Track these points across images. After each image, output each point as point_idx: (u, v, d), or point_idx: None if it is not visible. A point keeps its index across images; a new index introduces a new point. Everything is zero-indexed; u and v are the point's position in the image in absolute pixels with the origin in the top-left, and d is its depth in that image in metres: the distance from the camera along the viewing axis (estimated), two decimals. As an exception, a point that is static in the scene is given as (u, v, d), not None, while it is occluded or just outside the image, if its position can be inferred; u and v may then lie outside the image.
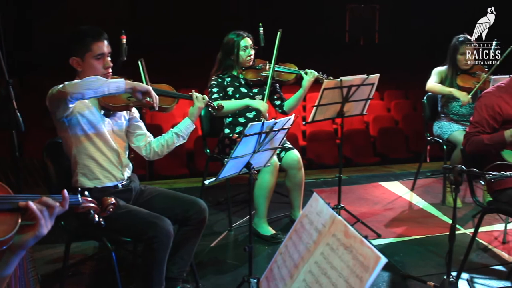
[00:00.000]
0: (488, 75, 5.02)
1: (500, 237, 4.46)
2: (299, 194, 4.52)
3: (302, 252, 1.79)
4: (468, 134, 3.59)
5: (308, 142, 7.84)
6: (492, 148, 3.47)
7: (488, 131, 3.51)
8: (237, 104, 4.41)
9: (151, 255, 2.97)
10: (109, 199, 2.17)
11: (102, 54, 3.08)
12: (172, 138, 3.36)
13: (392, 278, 3.79)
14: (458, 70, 5.22)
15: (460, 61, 5.17)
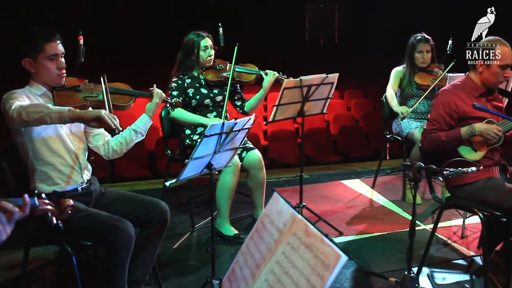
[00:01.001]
0: (445, 73, 5.11)
1: (458, 232, 4.55)
2: (261, 193, 4.53)
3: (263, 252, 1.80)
4: (425, 131, 3.65)
5: (269, 141, 7.85)
6: (449, 145, 3.54)
7: (445, 128, 3.58)
8: (190, 118, 4.40)
9: (113, 259, 2.94)
10: (67, 201, 2.12)
11: (55, 55, 3.01)
12: (130, 135, 3.33)
13: (354, 275, 3.83)
14: (416, 68, 5.31)
15: (417, 59, 5.26)
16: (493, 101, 3.74)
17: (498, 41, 3.58)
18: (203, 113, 4.49)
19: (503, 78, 3.60)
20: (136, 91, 3.40)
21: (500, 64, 3.52)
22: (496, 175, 3.61)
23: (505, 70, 3.56)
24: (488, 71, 3.58)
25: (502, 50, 3.53)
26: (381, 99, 5.61)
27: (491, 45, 3.56)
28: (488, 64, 3.55)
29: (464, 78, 3.75)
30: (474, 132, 3.47)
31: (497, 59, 3.52)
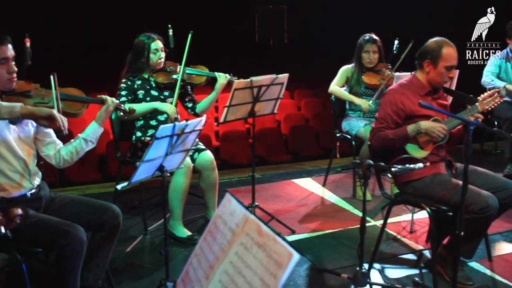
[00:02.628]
0: (392, 73, 5.22)
1: (407, 227, 4.65)
2: (214, 194, 4.53)
3: (217, 253, 1.81)
4: (374, 130, 3.73)
5: (221, 142, 7.86)
6: (396, 143, 3.62)
7: (392, 127, 3.66)
8: (144, 107, 4.38)
9: (65, 264, 2.90)
10: (15, 210, 2.09)
11: (6, 59, 2.95)
12: (81, 144, 3.28)
13: (307, 272, 3.88)
14: (364, 68, 5.40)
15: (364, 59, 5.36)
16: (439, 99, 3.85)
17: (444, 42, 3.68)
18: (154, 115, 4.47)
19: (448, 78, 3.71)
20: (89, 97, 3.36)
21: (446, 65, 3.63)
22: (442, 171, 3.72)
23: (450, 71, 3.66)
24: (434, 71, 3.68)
25: (448, 51, 3.63)
26: (331, 98, 5.68)
27: (436, 48, 3.66)
28: (435, 65, 3.65)
29: (410, 77, 3.85)
30: (420, 130, 3.56)
31: (444, 60, 3.62)
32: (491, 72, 6.10)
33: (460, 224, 3.18)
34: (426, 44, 3.75)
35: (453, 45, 3.67)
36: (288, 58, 13.49)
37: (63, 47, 12.14)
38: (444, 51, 3.62)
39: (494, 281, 3.76)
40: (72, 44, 12.49)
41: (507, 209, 3.64)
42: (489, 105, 3.66)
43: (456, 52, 3.67)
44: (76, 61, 11.28)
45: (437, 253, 3.71)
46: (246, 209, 1.78)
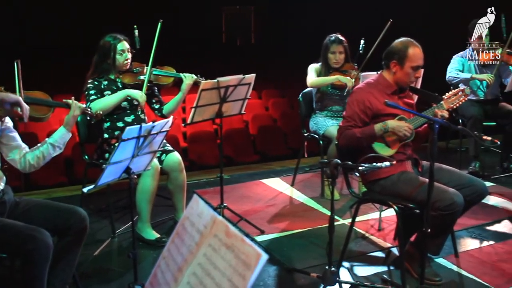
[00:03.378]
0: (358, 73, 5.26)
1: (375, 225, 4.69)
2: (182, 196, 4.51)
3: (185, 255, 1.79)
4: (341, 128, 3.75)
5: (189, 143, 7.83)
6: (363, 141, 3.65)
7: (360, 125, 3.68)
8: (117, 96, 4.33)
9: (30, 270, 2.85)
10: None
11: None
12: (48, 149, 3.24)
13: (277, 272, 3.88)
14: (330, 68, 5.43)
15: (331, 60, 5.38)
16: (405, 98, 3.89)
17: (410, 42, 3.72)
18: (121, 116, 4.42)
19: (414, 78, 3.75)
20: (54, 101, 3.32)
21: (412, 65, 3.67)
22: (408, 169, 3.76)
23: (416, 71, 3.71)
24: (401, 71, 3.71)
25: (414, 52, 3.67)
26: (298, 98, 5.70)
27: (403, 48, 3.69)
28: (402, 65, 3.69)
29: (377, 76, 3.88)
30: (387, 128, 3.59)
31: (410, 60, 3.66)
32: (455, 69, 6.19)
33: (427, 221, 3.22)
34: (392, 44, 3.79)
35: (419, 46, 3.71)
36: (256, 58, 13.52)
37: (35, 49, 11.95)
38: (410, 52, 3.66)
39: (460, 276, 3.82)
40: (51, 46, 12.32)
41: (472, 206, 3.70)
42: (454, 104, 3.71)
43: (422, 52, 3.71)
44: (47, 65, 11.12)
45: (405, 250, 3.75)
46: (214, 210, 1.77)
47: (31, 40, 12.34)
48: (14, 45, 10.94)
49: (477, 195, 3.63)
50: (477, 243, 4.40)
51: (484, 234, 4.57)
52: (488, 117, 6.18)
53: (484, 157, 6.73)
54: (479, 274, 3.82)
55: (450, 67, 6.25)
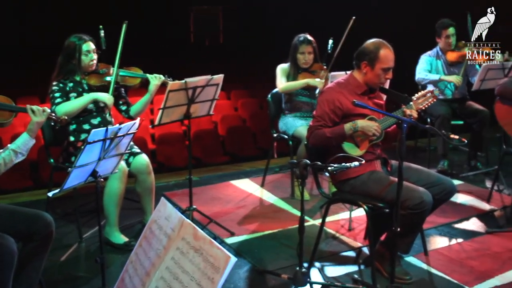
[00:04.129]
0: (327, 73, 5.27)
1: (346, 225, 4.70)
2: (150, 198, 4.45)
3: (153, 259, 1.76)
4: (311, 128, 3.74)
5: (157, 145, 7.75)
6: (333, 141, 3.64)
7: (329, 125, 3.68)
8: (83, 100, 4.25)
9: (-7, 277, 2.78)
10: None
11: None
12: (10, 156, 3.15)
13: (248, 274, 3.86)
14: (299, 68, 5.42)
15: (300, 60, 5.38)
16: (375, 98, 3.90)
17: (382, 44, 3.72)
18: (87, 119, 4.35)
19: (385, 79, 3.76)
20: (17, 106, 3.24)
21: (383, 66, 3.67)
22: (378, 169, 3.77)
23: (387, 72, 3.71)
24: (371, 72, 3.72)
25: (385, 53, 3.67)
26: (267, 98, 5.68)
27: (374, 49, 3.70)
28: (372, 66, 3.70)
29: (347, 76, 3.88)
30: (357, 128, 3.59)
31: (381, 62, 3.67)
32: (423, 69, 6.26)
33: (396, 220, 3.22)
34: (364, 45, 3.79)
35: (390, 47, 3.72)
36: (224, 59, 13.49)
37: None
38: (382, 53, 3.67)
39: (430, 274, 3.84)
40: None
41: (441, 204, 3.74)
42: (423, 105, 3.73)
43: (393, 54, 3.71)
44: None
45: (375, 249, 3.76)
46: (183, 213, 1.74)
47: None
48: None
49: (445, 193, 3.66)
50: (446, 241, 4.43)
51: (453, 232, 4.61)
52: (456, 116, 6.25)
53: (452, 155, 6.81)
54: (449, 271, 3.85)
55: (418, 67, 6.32)
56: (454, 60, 6.25)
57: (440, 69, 6.29)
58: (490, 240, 4.43)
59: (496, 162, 5.60)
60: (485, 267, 3.92)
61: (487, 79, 5.72)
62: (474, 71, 6.18)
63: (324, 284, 3.68)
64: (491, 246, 4.30)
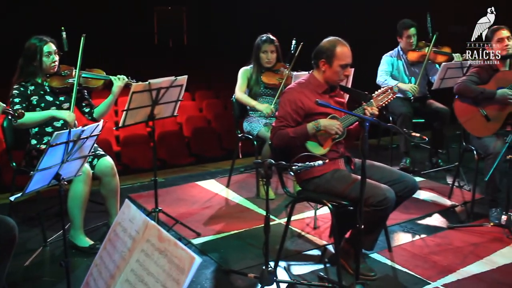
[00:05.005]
0: (290, 72, 5.30)
1: (311, 223, 4.74)
2: (115, 201, 4.42)
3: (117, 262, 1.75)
4: (274, 129, 3.76)
5: (122, 147, 7.69)
6: (297, 140, 3.67)
7: (292, 125, 3.71)
8: (40, 115, 4.21)
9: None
10: None
11: None
12: None
13: (214, 274, 3.86)
14: (262, 68, 5.45)
15: (263, 59, 5.41)
16: (336, 97, 3.94)
17: (338, 41, 3.77)
18: (49, 122, 4.30)
19: (344, 76, 3.80)
20: None
21: (340, 63, 3.72)
22: (341, 167, 3.81)
23: (345, 69, 3.76)
24: (330, 70, 3.76)
25: (342, 50, 3.72)
26: (231, 99, 5.69)
27: (330, 47, 3.74)
28: (330, 64, 3.74)
29: (308, 76, 3.92)
30: (319, 127, 3.63)
31: (338, 59, 3.71)
32: (385, 71, 6.36)
33: (360, 218, 3.27)
34: (320, 44, 3.83)
35: (346, 44, 3.77)
36: (188, 60, 13.46)
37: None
38: (338, 50, 3.71)
39: (394, 270, 3.90)
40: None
41: (404, 201, 3.80)
42: (383, 102, 3.78)
43: (350, 50, 3.77)
44: None
45: (340, 247, 3.81)
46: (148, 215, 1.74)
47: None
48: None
49: (408, 190, 3.72)
50: (409, 237, 4.50)
51: (416, 228, 4.69)
52: (417, 114, 6.36)
53: (414, 153, 6.92)
54: (412, 267, 3.91)
55: (380, 68, 6.42)
56: (415, 60, 6.37)
57: (401, 69, 6.40)
58: (452, 235, 4.53)
59: (457, 159, 5.72)
60: (447, 261, 4.00)
61: (447, 78, 5.84)
62: (434, 70, 6.30)
63: (291, 283, 3.70)
64: (452, 241, 4.39)
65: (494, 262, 3.99)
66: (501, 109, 4.70)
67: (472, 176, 5.35)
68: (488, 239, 4.40)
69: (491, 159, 4.48)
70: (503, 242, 4.33)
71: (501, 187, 4.60)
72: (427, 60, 6.19)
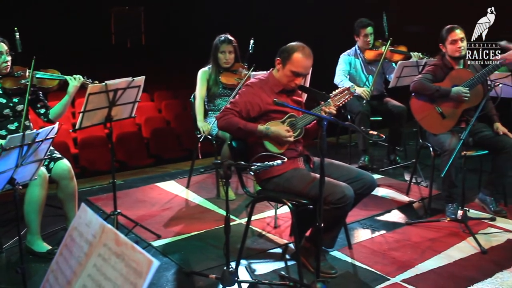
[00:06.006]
0: (248, 72, 5.30)
1: (272, 223, 4.75)
2: (73, 204, 4.34)
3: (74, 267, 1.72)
4: (226, 110, 3.73)
5: (80, 149, 7.58)
6: (242, 134, 3.70)
7: (243, 115, 3.70)
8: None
9: None
10: None
11: None
12: None
13: (175, 276, 3.84)
14: (221, 68, 5.44)
15: (221, 60, 5.40)
16: (294, 96, 3.96)
17: (301, 48, 3.76)
18: (3, 124, 4.21)
19: (294, 83, 3.80)
20: None
21: (292, 69, 3.72)
22: (300, 166, 3.83)
23: (296, 77, 3.76)
24: (282, 71, 3.79)
25: (298, 57, 3.72)
26: (190, 100, 5.66)
27: (290, 50, 3.75)
28: (283, 65, 3.76)
29: (267, 74, 3.93)
30: (269, 134, 3.65)
31: (291, 63, 3.72)
32: (342, 71, 6.44)
33: (320, 216, 3.29)
34: (288, 44, 3.83)
35: (307, 54, 3.75)
36: (147, 60, 13.36)
37: None
38: (295, 56, 3.72)
39: (354, 267, 3.94)
40: None
41: (363, 198, 3.85)
42: (340, 101, 3.80)
43: (310, 62, 3.76)
44: None
45: (301, 245, 3.83)
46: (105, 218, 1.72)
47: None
48: None
49: (366, 187, 3.77)
50: (369, 233, 4.56)
51: (375, 224, 4.75)
52: (374, 113, 6.44)
53: (373, 151, 7.02)
54: (371, 263, 3.96)
55: (338, 68, 6.49)
56: (372, 59, 6.45)
57: (358, 67, 6.48)
58: (410, 231, 4.60)
59: (414, 156, 5.81)
60: (406, 257, 4.07)
61: (403, 76, 5.94)
62: (391, 69, 6.39)
63: (252, 282, 3.70)
64: (411, 236, 4.47)
65: (451, 257, 4.07)
66: (456, 107, 4.79)
67: (429, 173, 5.45)
68: (445, 234, 4.49)
69: (447, 156, 4.57)
70: (460, 236, 4.42)
71: (457, 182, 4.69)
72: (383, 59, 6.28)
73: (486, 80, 4.76)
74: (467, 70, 4.91)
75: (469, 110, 4.78)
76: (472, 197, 5.17)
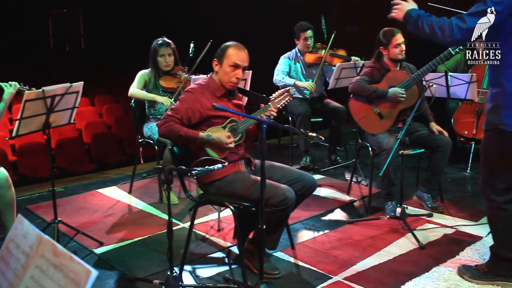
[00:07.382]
0: (188, 76, 5.30)
1: (215, 226, 4.76)
2: (12, 214, 4.23)
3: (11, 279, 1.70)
4: (167, 117, 3.71)
5: (18, 156, 7.39)
6: (183, 141, 3.70)
7: (185, 122, 3.70)
8: None
9: None
10: None
11: None
12: None
13: (119, 283, 3.80)
14: (160, 71, 5.41)
15: (161, 63, 5.37)
16: (234, 99, 3.98)
17: (234, 44, 3.80)
18: None
19: (235, 78, 3.82)
20: None
21: (229, 63, 3.76)
22: (242, 169, 3.86)
23: (236, 69, 3.79)
24: (221, 70, 3.81)
25: (233, 51, 3.76)
26: (130, 104, 5.61)
27: (223, 47, 3.79)
28: (221, 63, 3.79)
29: (207, 79, 3.93)
30: (211, 141, 3.67)
31: (227, 58, 3.75)
32: (281, 71, 6.52)
33: (262, 218, 3.32)
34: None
35: (241, 47, 3.81)
36: (86, 64, 13.15)
37: None
38: (230, 50, 3.76)
39: (297, 267, 3.99)
40: None
41: (304, 199, 3.91)
42: (281, 104, 3.85)
43: (244, 54, 3.80)
44: None
45: (244, 248, 3.85)
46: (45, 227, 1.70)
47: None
48: None
49: (307, 188, 3.83)
50: (311, 233, 4.63)
51: (317, 224, 4.82)
52: (315, 114, 6.55)
53: (314, 151, 7.13)
54: (314, 262, 4.02)
55: (277, 68, 6.56)
56: (311, 62, 6.56)
57: (299, 70, 6.58)
58: (352, 229, 4.70)
59: (354, 155, 5.93)
60: (348, 255, 4.15)
61: (342, 77, 6.06)
62: (330, 72, 6.50)
63: (196, 286, 3.71)
64: (352, 235, 4.56)
65: (390, 253, 4.17)
66: (392, 107, 4.92)
67: (368, 172, 5.57)
68: (385, 231, 4.60)
69: (385, 155, 4.68)
70: (399, 233, 4.54)
71: (395, 180, 4.82)
72: (323, 62, 6.40)
73: (421, 81, 4.91)
74: (403, 71, 5.05)
75: (405, 110, 4.93)
76: (410, 194, 5.33)
